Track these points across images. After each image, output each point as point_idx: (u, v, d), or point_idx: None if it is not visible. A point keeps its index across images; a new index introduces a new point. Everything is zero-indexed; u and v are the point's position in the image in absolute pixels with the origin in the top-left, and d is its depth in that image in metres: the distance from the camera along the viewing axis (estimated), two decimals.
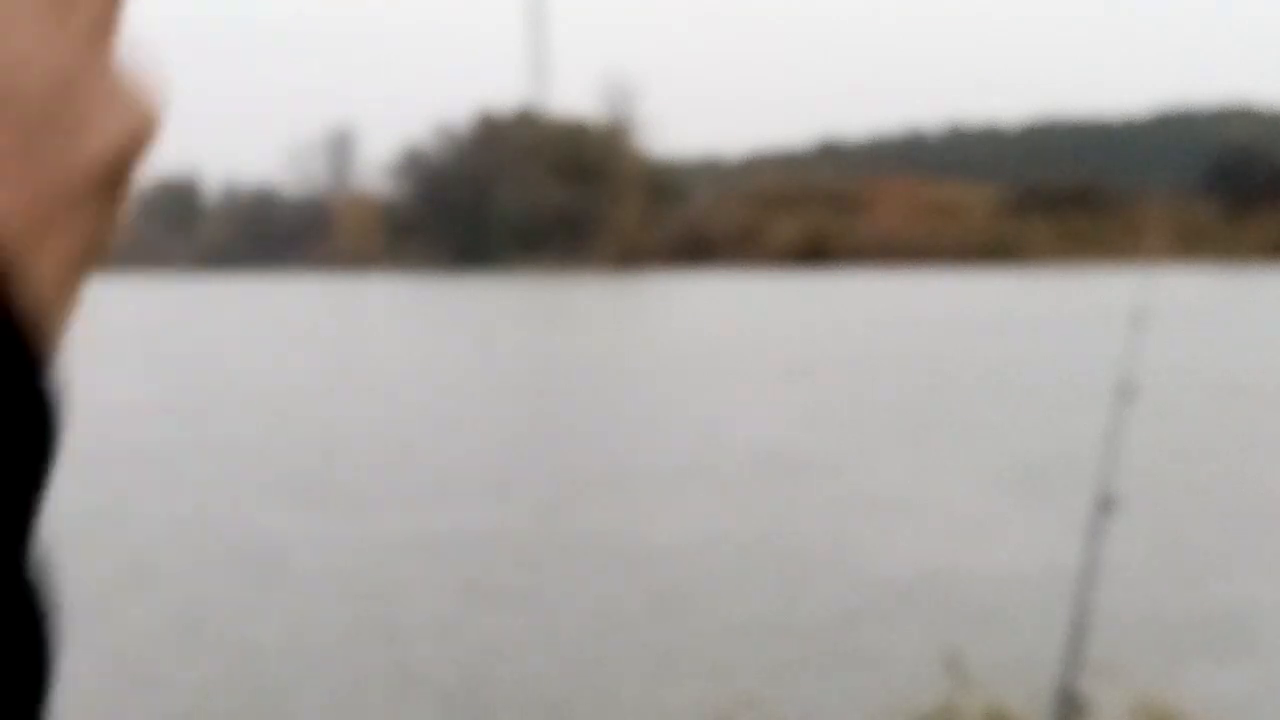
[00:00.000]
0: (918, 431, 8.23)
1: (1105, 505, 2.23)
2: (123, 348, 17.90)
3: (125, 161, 0.25)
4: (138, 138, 0.25)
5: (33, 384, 0.21)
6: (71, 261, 0.24)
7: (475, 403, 9.99)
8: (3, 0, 0.23)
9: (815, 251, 57.24)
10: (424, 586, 4.43)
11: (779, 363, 13.16)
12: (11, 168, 0.22)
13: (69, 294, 0.24)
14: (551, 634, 3.86)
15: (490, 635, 3.84)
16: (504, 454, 7.39)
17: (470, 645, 3.77)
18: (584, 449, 7.55)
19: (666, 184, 73.42)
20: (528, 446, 7.74)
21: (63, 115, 0.23)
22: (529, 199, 70.78)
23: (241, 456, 7.46)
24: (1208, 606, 4.09)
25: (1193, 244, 50.66)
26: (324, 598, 4.37)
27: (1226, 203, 53.22)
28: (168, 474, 6.97)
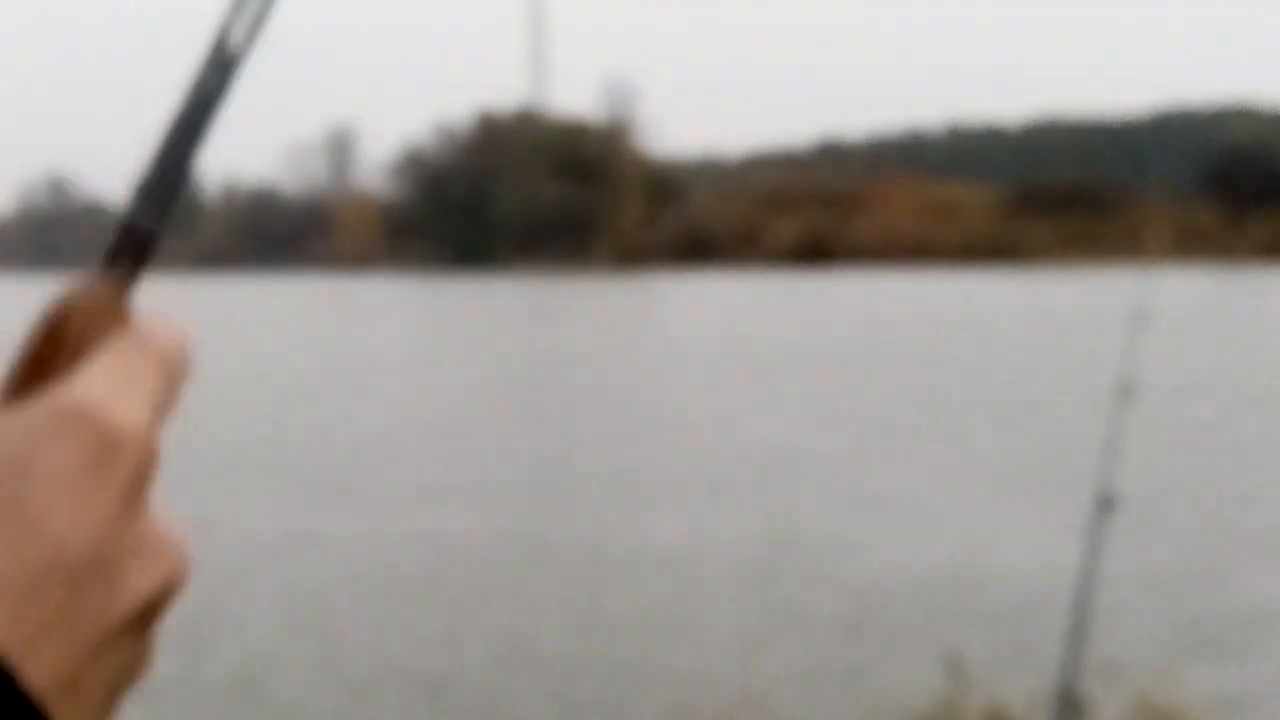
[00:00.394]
0: (921, 432, 8.23)
1: (1104, 505, 2.23)
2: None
3: (159, 604, 0.27)
4: (170, 583, 0.28)
5: None
6: (107, 688, 0.27)
7: (475, 406, 9.99)
8: (43, 473, 0.25)
9: (815, 251, 57.22)
10: (426, 588, 4.41)
11: (779, 364, 13.15)
12: (57, 627, 0.25)
13: (106, 713, 0.27)
14: (556, 636, 3.85)
15: (494, 637, 3.83)
16: (505, 457, 7.38)
17: (475, 646, 3.76)
18: (583, 452, 7.55)
19: (666, 184, 73.40)
20: (528, 449, 7.73)
21: (102, 573, 0.26)
22: (529, 199, 70.73)
23: (246, 457, 7.45)
24: (1204, 604, 4.09)
25: (1193, 244, 50.72)
26: (328, 598, 4.36)
27: (1227, 203, 53.21)
28: (169, 474, 6.97)
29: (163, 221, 0.31)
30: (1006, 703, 2.83)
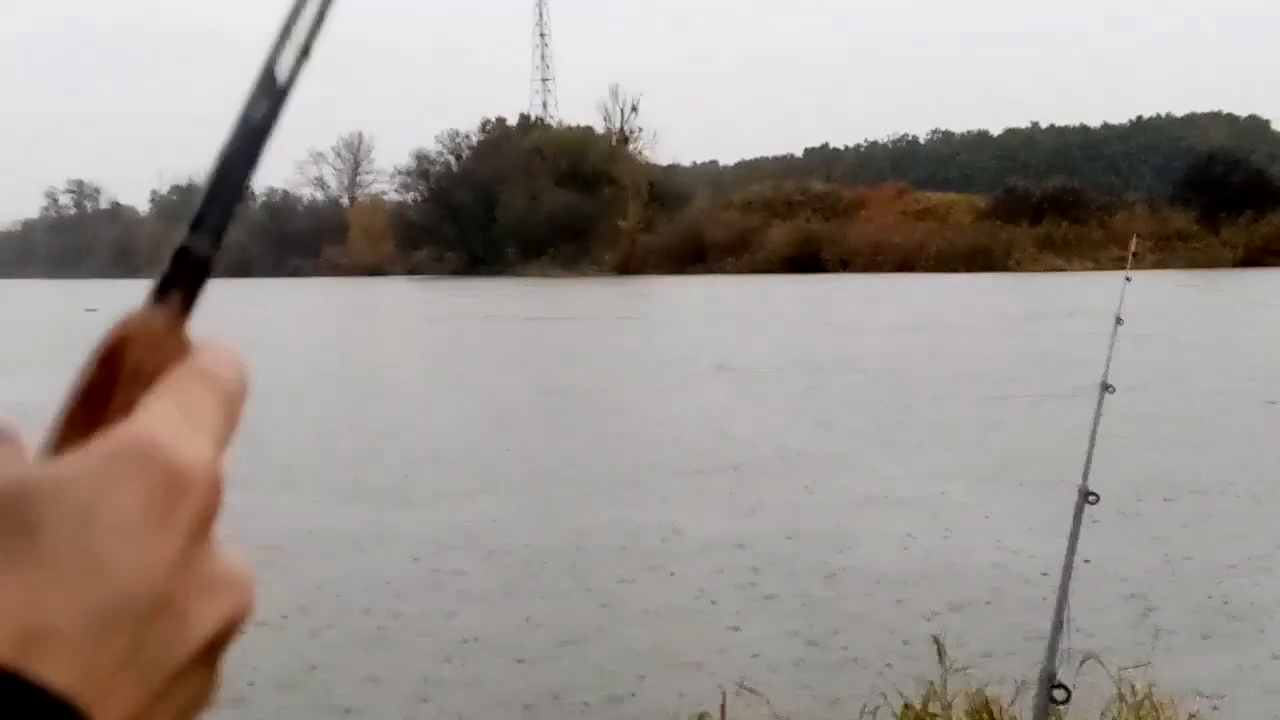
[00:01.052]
0: (910, 430, 8.36)
1: (1086, 499, 2.33)
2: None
3: (224, 639, 0.28)
4: (235, 618, 0.28)
5: None
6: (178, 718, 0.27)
7: (480, 405, 10.07)
8: (108, 516, 0.26)
9: (808, 256, 57.60)
10: (436, 587, 4.44)
11: (774, 364, 13.28)
12: (126, 669, 0.25)
13: None
14: (567, 630, 3.92)
15: (515, 632, 3.90)
16: (504, 458, 7.45)
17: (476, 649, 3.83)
18: (583, 452, 7.63)
19: (666, 191, 73.94)
20: (527, 450, 7.81)
21: (170, 612, 0.26)
22: (533, 205, 71.29)
23: (257, 455, 7.45)
24: (1185, 595, 4.21)
25: (1171, 248, 51.39)
26: (341, 595, 4.39)
27: (1204, 207, 53.79)
28: None
29: (216, 247, 0.31)
30: (991, 690, 2.93)
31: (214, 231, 0.31)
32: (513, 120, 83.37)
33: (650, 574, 4.46)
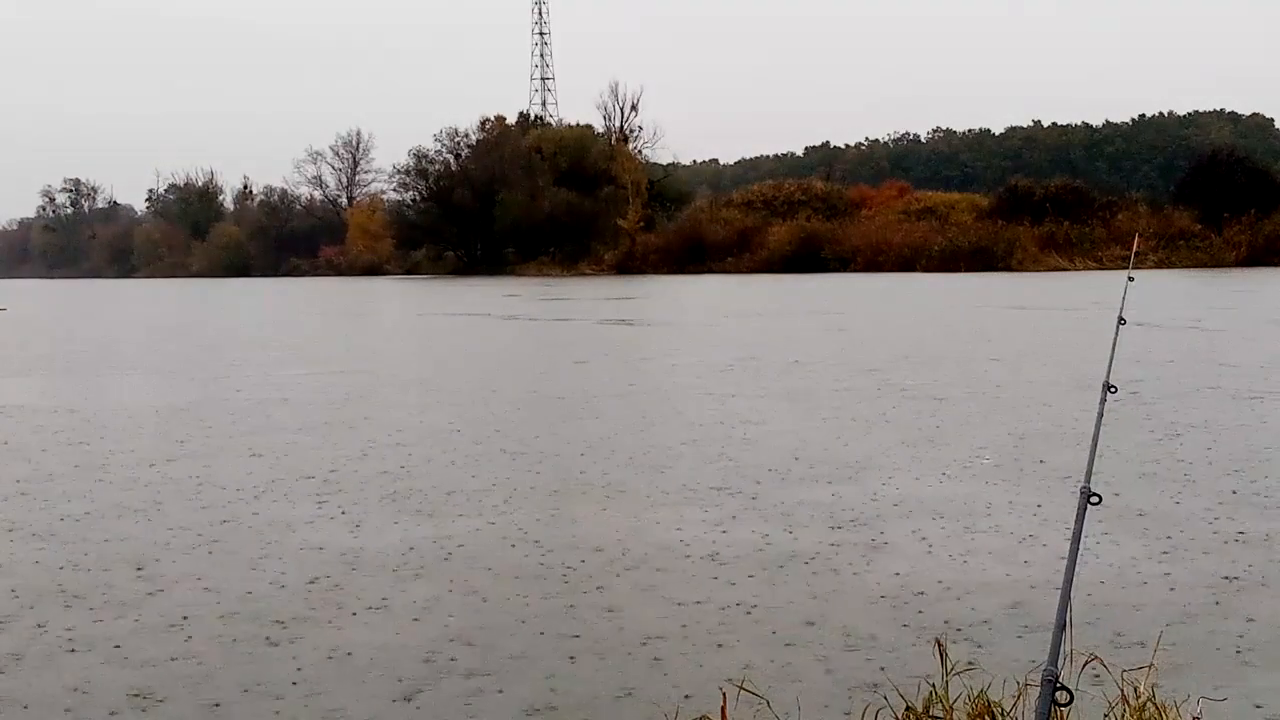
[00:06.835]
0: (910, 427, 8.34)
1: (1091, 499, 2.31)
2: (138, 346, 17.87)
3: None
4: None
5: None
6: None
7: (479, 407, 10.05)
8: None
9: (809, 255, 57.83)
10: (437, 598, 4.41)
11: (771, 362, 13.27)
12: None
13: None
14: (558, 631, 3.90)
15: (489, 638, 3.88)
16: (507, 456, 7.43)
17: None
18: (583, 451, 7.61)
19: (666, 190, 74.26)
20: (528, 448, 7.79)
21: None
22: (533, 204, 71.67)
23: (271, 460, 7.39)
24: (1183, 589, 4.19)
25: (1174, 247, 51.48)
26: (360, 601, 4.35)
27: (1206, 206, 53.87)
28: (188, 475, 6.90)
29: None
30: (993, 692, 2.91)
31: None
32: (512, 119, 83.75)
33: (650, 574, 4.44)
